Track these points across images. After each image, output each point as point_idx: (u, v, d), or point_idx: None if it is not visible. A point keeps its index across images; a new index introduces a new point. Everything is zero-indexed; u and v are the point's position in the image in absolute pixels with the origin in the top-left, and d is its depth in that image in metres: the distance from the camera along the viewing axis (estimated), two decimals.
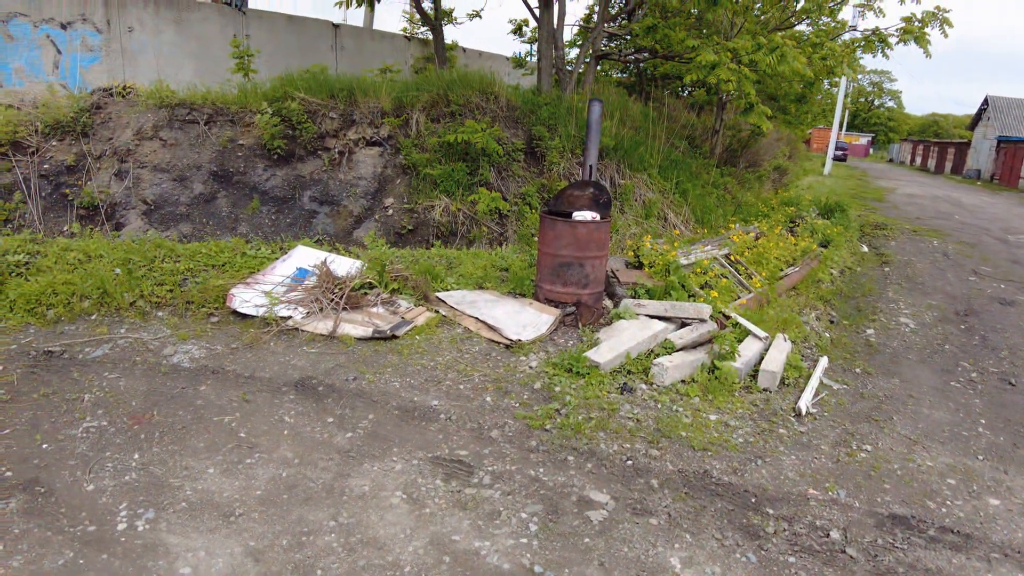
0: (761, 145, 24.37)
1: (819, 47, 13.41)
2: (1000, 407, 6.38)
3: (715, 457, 4.72)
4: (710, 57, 11.18)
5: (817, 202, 15.07)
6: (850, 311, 9.18)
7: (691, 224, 13.03)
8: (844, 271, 11.43)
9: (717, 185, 16.59)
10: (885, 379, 6.74)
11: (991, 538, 4.07)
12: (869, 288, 10.54)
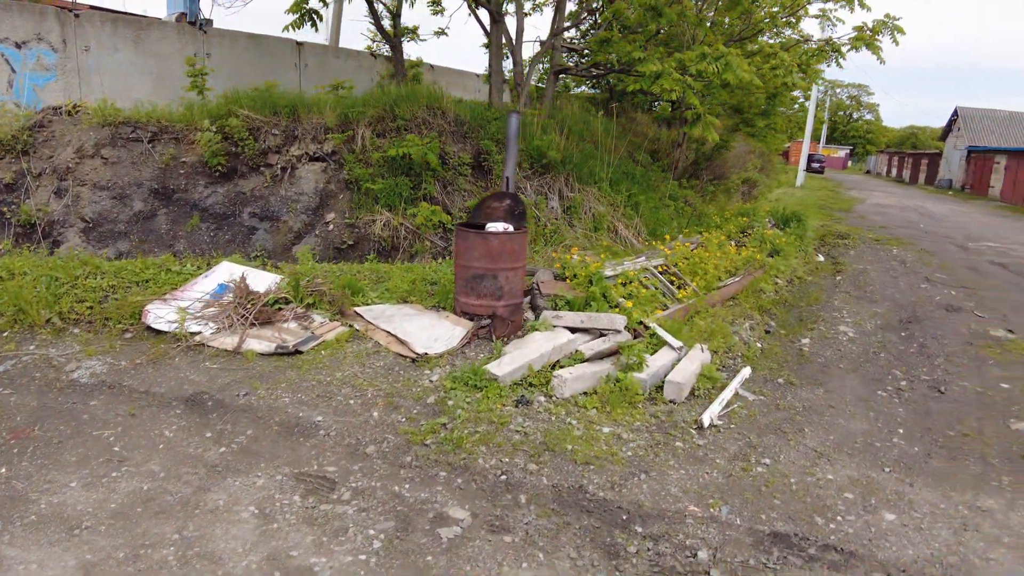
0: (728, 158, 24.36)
1: (770, 57, 13.38)
2: (924, 416, 6.19)
3: (596, 471, 4.50)
4: (653, 67, 11.10)
5: (775, 213, 14.96)
6: (791, 320, 9.02)
7: (643, 236, 12.88)
8: (793, 280, 11.28)
9: (676, 198, 16.50)
10: (809, 389, 6.54)
11: (876, 556, 3.84)
12: (816, 297, 10.38)
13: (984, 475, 5.08)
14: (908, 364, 7.63)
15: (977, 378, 7.34)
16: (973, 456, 5.38)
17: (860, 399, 6.40)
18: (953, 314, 10.07)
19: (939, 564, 3.85)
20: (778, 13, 15.71)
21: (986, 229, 22.24)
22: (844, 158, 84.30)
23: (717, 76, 10.96)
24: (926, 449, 5.43)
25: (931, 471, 5.07)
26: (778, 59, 12.82)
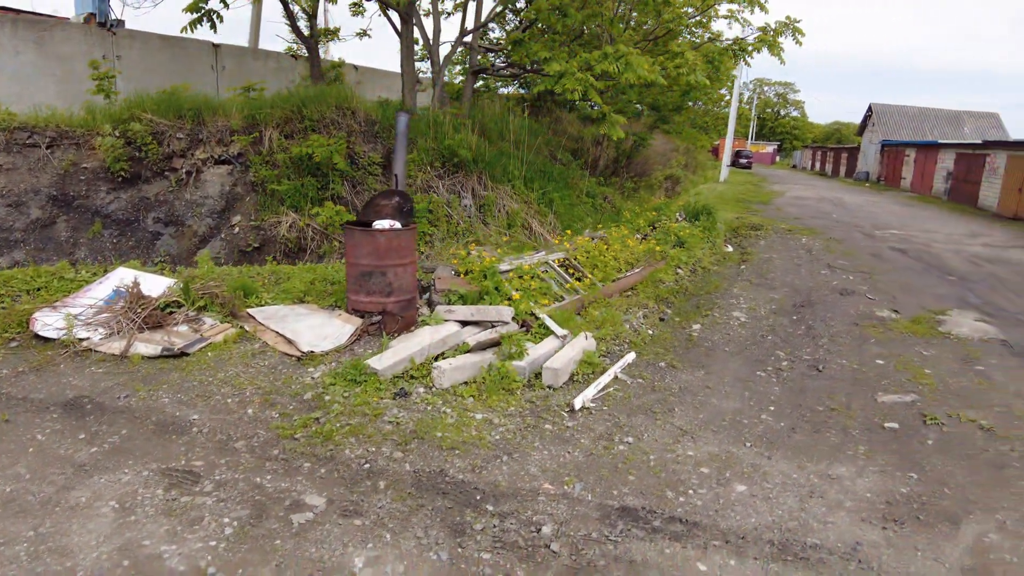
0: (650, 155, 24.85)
1: (676, 56, 13.74)
2: (798, 393, 6.49)
3: (461, 456, 4.63)
4: (556, 67, 11.31)
5: (687, 207, 15.36)
6: (687, 308, 9.31)
7: (557, 232, 13.10)
8: (697, 270, 11.62)
9: (594, 195, 16.80)
10: (689, 372, 6.80)
11: (719, 525, 4.04)
12: (717, 285, 10.73)
13: (842, 445, 5.38)
14: (793, 345, 7.97)
15: (856, 356, 7.72)
16: (835, 429, 5.68)
17: (738, 379, 6.68)
18: (846, 297, 10.54)
19: (778, 529, 4.07)
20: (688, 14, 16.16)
21: (893, 218, 23.22)
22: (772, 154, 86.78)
23: (619, 75, 11.22)
24: (791, 424, 5.71)
25: (792, 444, 5.33)
26: (683, 58, 13.16)
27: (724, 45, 16.15)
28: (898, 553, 3.90)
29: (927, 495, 4.64)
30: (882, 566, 3.76)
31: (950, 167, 33.41)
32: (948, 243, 17.95)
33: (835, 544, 3.92)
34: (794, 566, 3.66)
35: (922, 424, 5.90)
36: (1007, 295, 11.90)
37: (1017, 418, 6.25)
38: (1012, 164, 26.58)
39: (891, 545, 3.97)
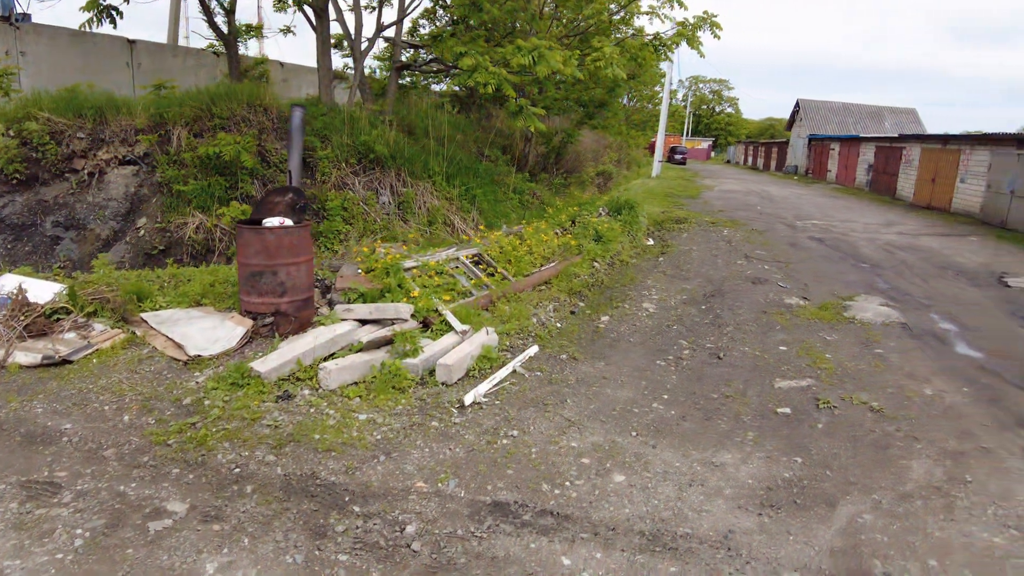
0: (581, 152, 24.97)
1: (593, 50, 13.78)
2: (695, 381, 6.55)
3: (336, 458, 4.51)
4: (469, 61, 11.23)
5: (610, 203, 15.46)
6: (600, 300, 9.33)
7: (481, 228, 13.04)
8: (615, 263, 11.69)
9: (521, 191, 16.78)
10: (590, 363, 6.80)
11: (591, 517, 4.01)
12: (632, 278, 10.80)
13: (731, 432, 5.43)
14: (697, 334, 8.06)
15: (759, 343, 7.85)
16: (727, 416, 5.74)
17: (637, 369, 6.70)
18: (758, 286, 10.72)
19: (651, 520, 4.06)
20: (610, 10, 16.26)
21: (816, 209, 23.84)
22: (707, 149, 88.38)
23: (532, 67, 11.20)
24: (682, 412, 5.74)
25: (680, 432, 5.36)
26: (600, 52, 13.20)
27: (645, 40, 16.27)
28: (770, 539, 3.93)
29: (808, 479, 4.71)
30: (752, 552, 3.78)
31: (871, 160, 34.51)
32: (864, 232, 18.50)
33: (707, 533, 3.93)
34: (661, 556, 3.65)
35: (815, 408, 6.01)
36: (914, 280, 12.31)
37: (907, 399, 6.44)
38: (925, 156, 27.60)
39: (764, 531, 4.00)
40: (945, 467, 5.06)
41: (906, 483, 4.76)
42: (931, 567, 3.78)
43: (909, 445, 5.40)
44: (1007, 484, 4.87)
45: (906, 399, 6.41)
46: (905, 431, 5.67)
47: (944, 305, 10.47)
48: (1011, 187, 21.16)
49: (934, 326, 9.21)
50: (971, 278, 13.02)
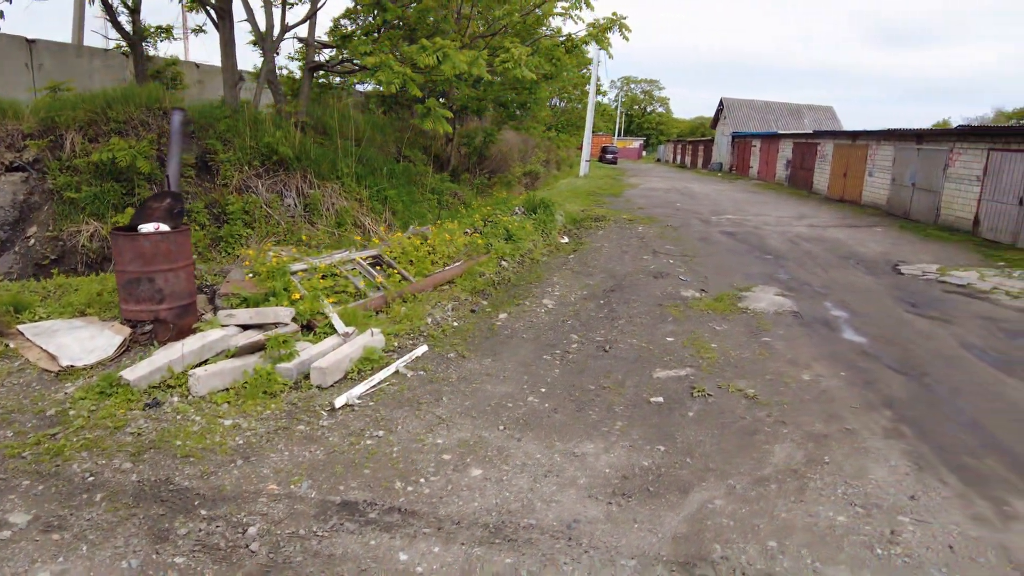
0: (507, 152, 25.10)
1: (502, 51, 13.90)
2: (577, 374, 6.64)
3: (194, 463, 4.46)
4: (372, 60, 11.21)
5: (527, 202, 15.60)
6: (503, 298, 9.42)
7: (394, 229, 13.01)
8: (525, 261, 11.80)
9: (439, 191, 16.81)
10: (477, 360, 6.86)
11: (438, 512, 4.06)
12: (539, 275, 10.93)
13: (600, 423, 5.55)
14: (589, 328, 8.20)
15: (648, 335, 8.03)
16: (600, 406, 5.87)
17: (522, 364, 6.80)
18: (659, 280, 10.98)
19: (498, 512, 4.12)
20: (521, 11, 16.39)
21: (733, 204, 24.48)
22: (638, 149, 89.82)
23: (437, 66, 11.24)
24: (556, 405, 5.84)
25: (549, 424, 5.44)
26: (508, 54, 13.32)
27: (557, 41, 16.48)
28: (614, 527, 4.04)
29: (667, 466, 4.86)
30: (592, 541, 3.87)
31: (789, 156, 35.65)
32: (776, 225, 19.10)
33: (551, 523, 4.01)
34: (499, 548, 3.73)
35: (689, 397, 6.19)
36: (815, 270, 12.76)
37: (783, 385, 6.68)
38: (837, 152, 28.66)
39: (610, 520, 4.11)
40: (807, 450, 5.27)
41: (765, 467, 4.94)
42: (770, 548, 3.93)
43: (776, 430, 5.61)
44: (862, 463, 5.10)
45: (783, 385, 6.66)
46: (775, 416, 5.89)
47: (839, 293, 10.89)
48: (912, 180, 22.14)
49: (826, 314, 9.58)
50: (869, 267, 13.57)
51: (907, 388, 6.83)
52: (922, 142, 21.88)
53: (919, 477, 4.96)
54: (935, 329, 9.14)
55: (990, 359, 7.95)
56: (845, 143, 28.05)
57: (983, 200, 18.68)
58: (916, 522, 4.34)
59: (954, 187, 20.02)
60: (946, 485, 4.88)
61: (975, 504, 4.64)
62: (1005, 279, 13.08)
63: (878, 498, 4.61)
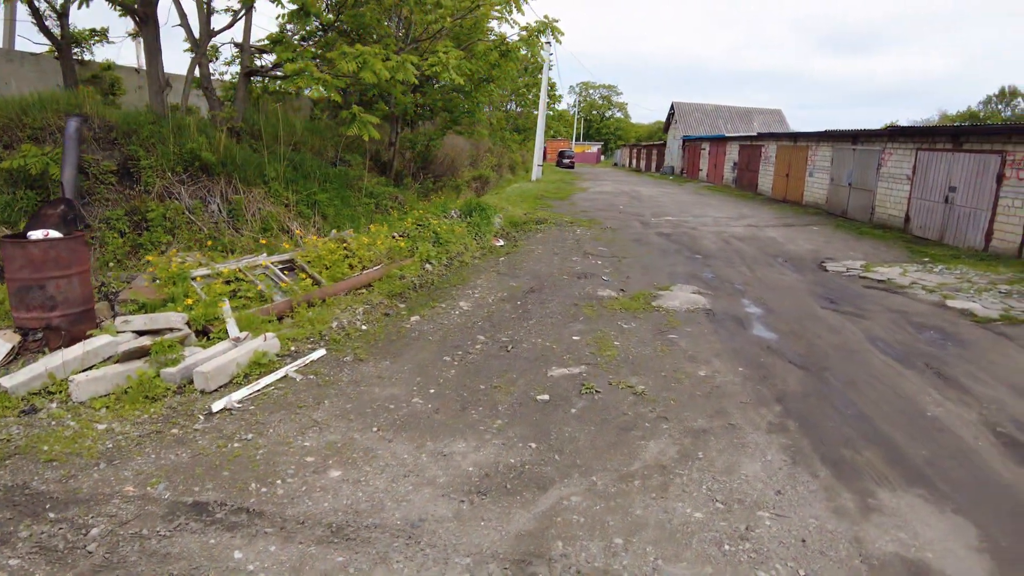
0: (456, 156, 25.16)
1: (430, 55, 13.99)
2: (473, 374, 6.69)
3: (57, 467, 4.45)
4: (292, 67, 11.22)
5: (465, 205, 15.71)
6: (421, 301, 9.46)
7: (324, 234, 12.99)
8: (454, 264, 11.88)
9: (377, 195, 16.81)
10: (373, 363, 6.88)
11: (286, 513, 4.10)
12: (465, 278, 11.00)
13: (479, 422, 5.58)
14: (499, 329, 8.28)
15: (554, 335, 8.12)
16: (485, 405, 5.92)
17: (420, 366, 6.86)
18: (582, 280, 11.12)
19: (345, 512, 4.15)
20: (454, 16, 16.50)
21: (677, 206, 24.85)
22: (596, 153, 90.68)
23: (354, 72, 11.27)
24: (440, 405, 5.88)
25: (426, 425, 5.47)
26: (436, 58, 13.41)
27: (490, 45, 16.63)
28: (460, 525, 4.08)
29: (533, 464, 4.91)
30: (432, 540, 3.91)
31: (736, 158, 36.29)
32: (714, 226, 19.43)
33: (396, 522, 4.06)
34: (335, 547, 3.78)
35: (577, 394, 6.29)
36: (740, 269, 13.02)
37: (676, 381, 6.80)
38: (780, 153, 29.25)
39: (458, 518, 4.15)
40: (682, 446, 5.35)
41: (633, 464, 5.00)
42: (615, 545, 3.98)
43: (656, 426, 5.70)
44: (735, 459, 5.19)
45: (675, 382, 6.78)
46: (659, 412, 5.99)
47: (759, 291, 11.13)
48: (849, 180, 22.68)
49: (740, 311, 9.77)
50: (796, 265, 13.89)
51: (803, 382, 6.98)
52: (857, 143, 22.43)
53: (792, 471, 5.04)
54: (846, 324, 9.38)
55: (893, 352, 8.19)
56: (787, 145, 28.64)
57: (913, 198, 19.21)
58: (775, 517, 4.40)
59: (887, 186, 20.55)
60: (817, 479, 4.96)
61: (840, 497, 4.72)
62: (926, 274, 13.49)
63: (743, 493, 4.67)
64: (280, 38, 14.63)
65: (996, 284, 12.49)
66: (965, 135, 17.38)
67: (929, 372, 7.52)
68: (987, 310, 10.45)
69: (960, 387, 7.09)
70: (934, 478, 5.07)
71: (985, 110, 54.28)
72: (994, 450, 5.59)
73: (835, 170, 23.88)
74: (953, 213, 17.43)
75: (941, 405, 6.57)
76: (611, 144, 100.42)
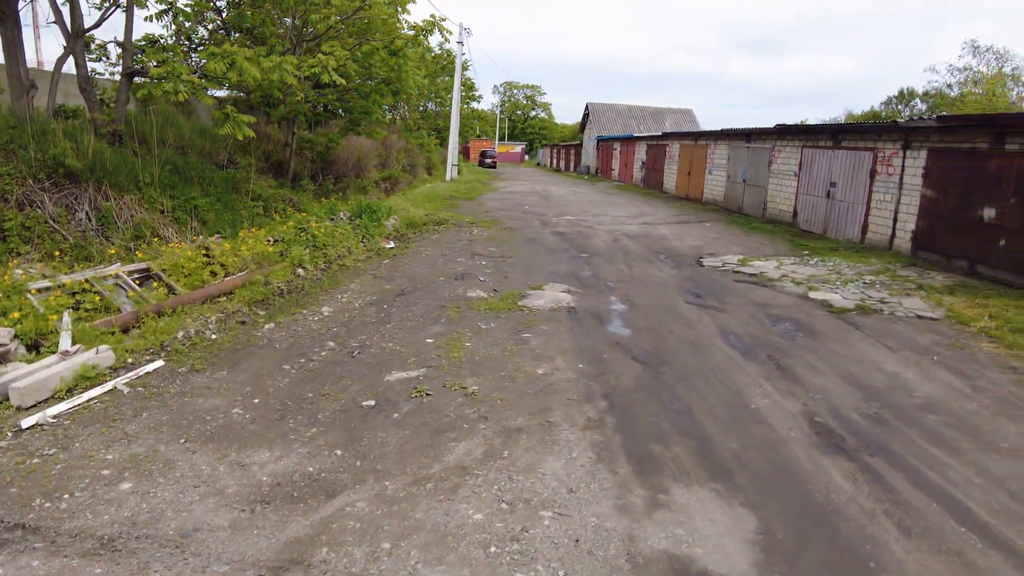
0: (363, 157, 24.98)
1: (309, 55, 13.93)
2: (308, 382, 6.69)
3: None
4: (157, 70, 11.01)
5: (355, 207, 15.66)
6: (286, 307, 9.40)
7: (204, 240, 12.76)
8: (332, 268, 11.82)
9: (266, 198, 16.59)
10: (209, 374, 6.79)
11: (62, 527, 4.09)
12: (339, 282, 10.96)
13: (293, 431, 5.59)
14: (353, 334, 8.29)
15: (409, 338, 8.16)
16: (305, 414, 5.92)
17: (255, 375, 6.83)
18: (457, 282, 11.23)
19: (121, 524, 4.15)
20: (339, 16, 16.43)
21: (582, 206, 25.29)
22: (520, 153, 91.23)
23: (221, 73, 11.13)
24: (259, 415, 5.87)
25: (237, 435, 5.46)
26: (316, 59, 13.34)
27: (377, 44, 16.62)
28: (233, 534, 4.12)
29: (331, 471, 4.94)
30: (200, 549, 3.94)
31: (644, 157, 37.12)
32: (611, 224, 19.84)
33: (169, 533, 4.08)
34: (98, 559, 3.79)
35: (405, 398, 6.37)
36: (619, 266, 13.35)
37: (512, 381, 6.91)
38: (683, 152, 30.05)
39: (233, 527, 4.19)
40: (491, 446, 5.45)
41: (434, 466, 5.08)
42: (381, 550, 4.04)
43: (473, 426, 5.80)
44: (539, 457, 5.29)
45: (511, 381, 6.92)
46: (482, 412, 6.09)
47: (629, 288, 11.42)
48: (744, 177, 23.47)
49: (603, 308, 10.02)
50: (676, 261, 14.31)
51: (638, 378, 7.18)
52: (751, 141, 23.22)
53: (592, 469, 5.14)
54: (704, 318, 9.71)
55: (740, 345, 8.50)
56: (689, 144, 29.44)
57: (800, 194, 20.01)
58: (557, 516, 4.47)
59: (777, 182, 21.35)
60: (615, 475, 5.06)
61: (632, 494, 4.81)
62: (800, 267, 14.07)
63: (533, 493, 4.74)
64: (155, 39, 14.31)
65: (863, 275, 13.15)
66: (843, 133, 18.21)
67: (769, 364, 7.84)
68: (845, 301, 10.99)
69: (793, 378, 7.39)
70: (735, 471, 5.24)
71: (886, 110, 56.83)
72: (805, 440, 5.83)
73: (731, 168, 24.68)
74: (834, 207, 18.26)
75: (768, 397, 6.84)
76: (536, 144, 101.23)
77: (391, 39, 16.70)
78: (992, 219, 12.99)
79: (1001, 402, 6.89)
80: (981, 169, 13.32)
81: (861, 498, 4.92)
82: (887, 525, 4.59)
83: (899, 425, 6.25)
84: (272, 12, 16.53)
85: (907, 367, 7.87)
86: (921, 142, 15.12)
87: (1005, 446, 5.90)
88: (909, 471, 5.36)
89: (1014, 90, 43.76)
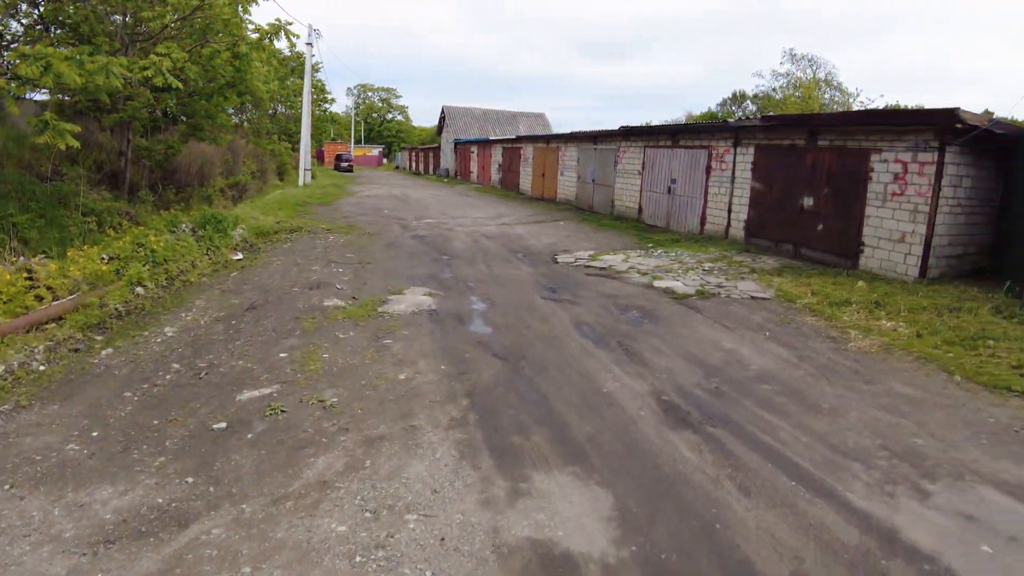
0: (206, 164, 23.78)
1: (140, 56, 13.09)
2: (152, 408, 6.23)
3: None
4: None
5: (198, 218, 14.81)
6: (125, 329, 8.72)
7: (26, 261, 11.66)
8: (175, 284, 11.11)
9: (99, 211, 15.44)
10: (39, 409, 6.12)
11: None
12: (183, 299, 10.31)
13: (137, 462, 5.18)
14: (200, 354, 7.78)
15: (260, 354, 7.76)
16: (151, 443, 5.51)
17: (92, 407, 6.26)
18: (312, 291, 10.87)
19: None
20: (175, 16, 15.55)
21: (441, 208, 25.30)
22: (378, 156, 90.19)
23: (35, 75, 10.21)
24: (98, 449, 5.41)
25: (73, 473, 5.01)
26: (148, 61, 12.53)
27: (219, 47, 15.85)
28: None
29: (182, 500, 4.66)
30: None
31: (500, 160, 37.72)
32: (471, 226, 19.96)
33: None
34: None
35: (259, 417, 6.06)
36: (479, 267, 13.46)
37: (373, 388, 6.79)
38: (536, 154, 30.79)
39: (73, 573, 3.86)
40: (352, 457, 5.33)
41: (293, 484, 4.90)
42: (242, 574, 3.88)
43: (333, 439, 5.64)
44: (404, 462, 5.25)
45: (372, 389, 6.79)
46: (342, 424, 5.93)
47: (489, 287, 11.54)
48: (592, 177, 24.33)
49: (464, 308, 10.05)
50: (532, 259, 14.61)
51: (498, 374, 7.29)
52: (598, 142, 24.10)
53: (456, 467, 5.19)
54: (558, 312, 9.98)
55: (592, 335, 8.82)
56: (542, 146, 30.19)
57: (644, 191, 20.97)
58: (422, 518, 4.47)
59: (623, 181, 22.28)
60: (478, 471, 5.14)
61: (494, 486, 4.90)
62: (645, 259, 14.77)
63: (397, 498, 4.71)
64: None
65: (702, 263, 14.00)
66: (681, 133, 19.27)
67: (619, 350, 8.22)
68: (686, 287, 11.67)
69: (641, 361, 7.81)
70: (591, 454, 5.48)
71: (722, 111, 60.83)
72: (653, 418, 6.20)
73: (581, 168, 25.52)
74: (675, 202, 19.27)
75: (619, 380, 7.19)
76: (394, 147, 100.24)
77: (235, 41, 15.98)
78: (811, 207, 14.25)
79: (822, 368, 7.69)
80: (800, 163, 14.55)
81: (706, 466, 5.30)
82: (730, 488, 4.96)
83: (737, 396, 6.79)
84: (98, 7, 15.38)
85: (743, 344, 8.52)
86: (749, 140, 16.29)
87: (825, 406, 6.59)
88: (747, 437, 5.83)
89: (827, 93, 48.25)
